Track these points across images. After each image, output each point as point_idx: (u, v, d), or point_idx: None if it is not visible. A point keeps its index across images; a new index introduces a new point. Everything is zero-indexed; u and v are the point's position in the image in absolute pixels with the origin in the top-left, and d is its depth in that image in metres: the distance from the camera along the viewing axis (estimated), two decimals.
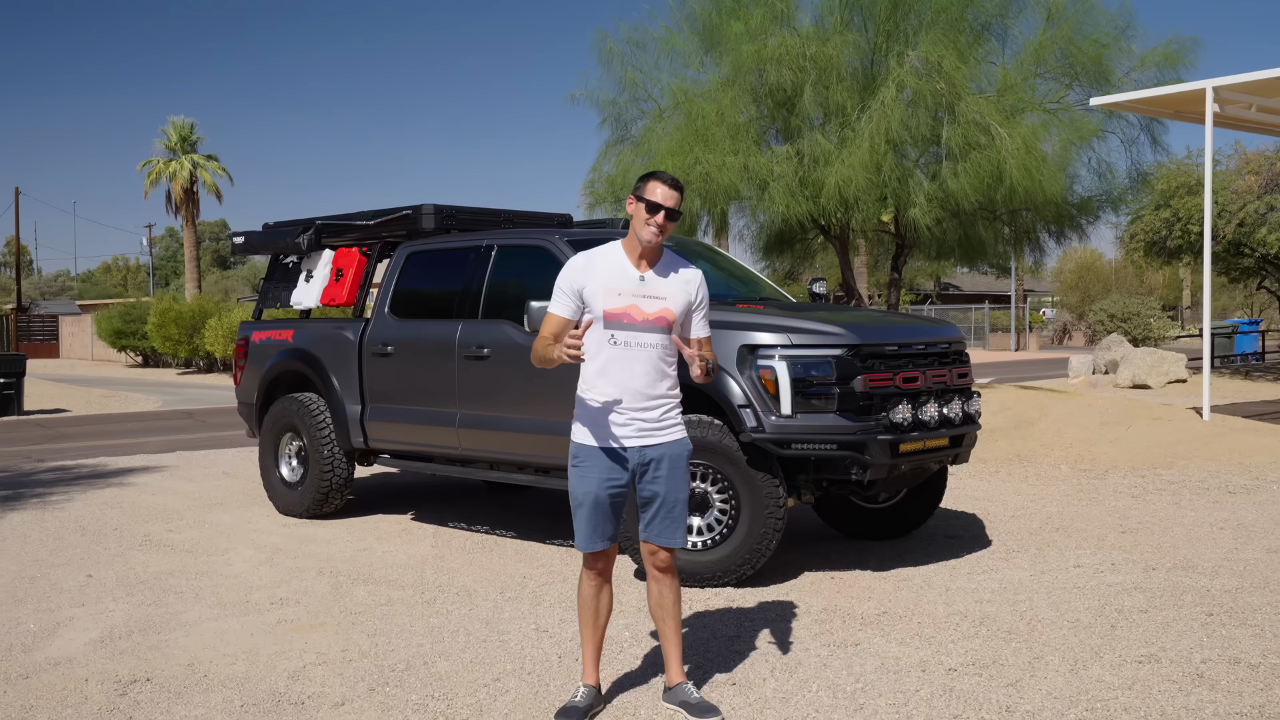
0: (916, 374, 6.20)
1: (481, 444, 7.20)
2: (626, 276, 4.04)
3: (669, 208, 4.02)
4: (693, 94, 13.91)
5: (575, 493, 4.09)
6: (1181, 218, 23.52)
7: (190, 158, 51.47)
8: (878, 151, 12.66)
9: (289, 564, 6.70)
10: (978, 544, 7.10)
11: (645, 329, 4.01)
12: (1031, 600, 5.69)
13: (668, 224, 4.04)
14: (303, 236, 8.57)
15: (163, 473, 11.02)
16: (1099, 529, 7.48)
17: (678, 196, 4.07)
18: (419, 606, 5.69)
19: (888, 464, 5.98)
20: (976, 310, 47.72)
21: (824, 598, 5.79)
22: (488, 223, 8.30)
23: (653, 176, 4.09)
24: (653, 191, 4.04)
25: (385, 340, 7.82)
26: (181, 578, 6.36)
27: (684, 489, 4.12)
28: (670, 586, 4.17)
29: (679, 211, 4.09)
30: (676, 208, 4.06)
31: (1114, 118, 13.93)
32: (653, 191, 4.04)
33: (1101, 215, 14.98)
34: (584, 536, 4.10)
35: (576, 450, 4.11)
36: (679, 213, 4.10)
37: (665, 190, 4.04)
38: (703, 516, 6.09)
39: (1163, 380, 20.25)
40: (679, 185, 4.11)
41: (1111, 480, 9.47)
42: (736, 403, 5.90)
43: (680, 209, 4.11)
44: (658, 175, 4.09)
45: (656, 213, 4.02)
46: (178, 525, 8.02)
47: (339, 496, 8.18)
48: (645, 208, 4.02)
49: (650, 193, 4.04)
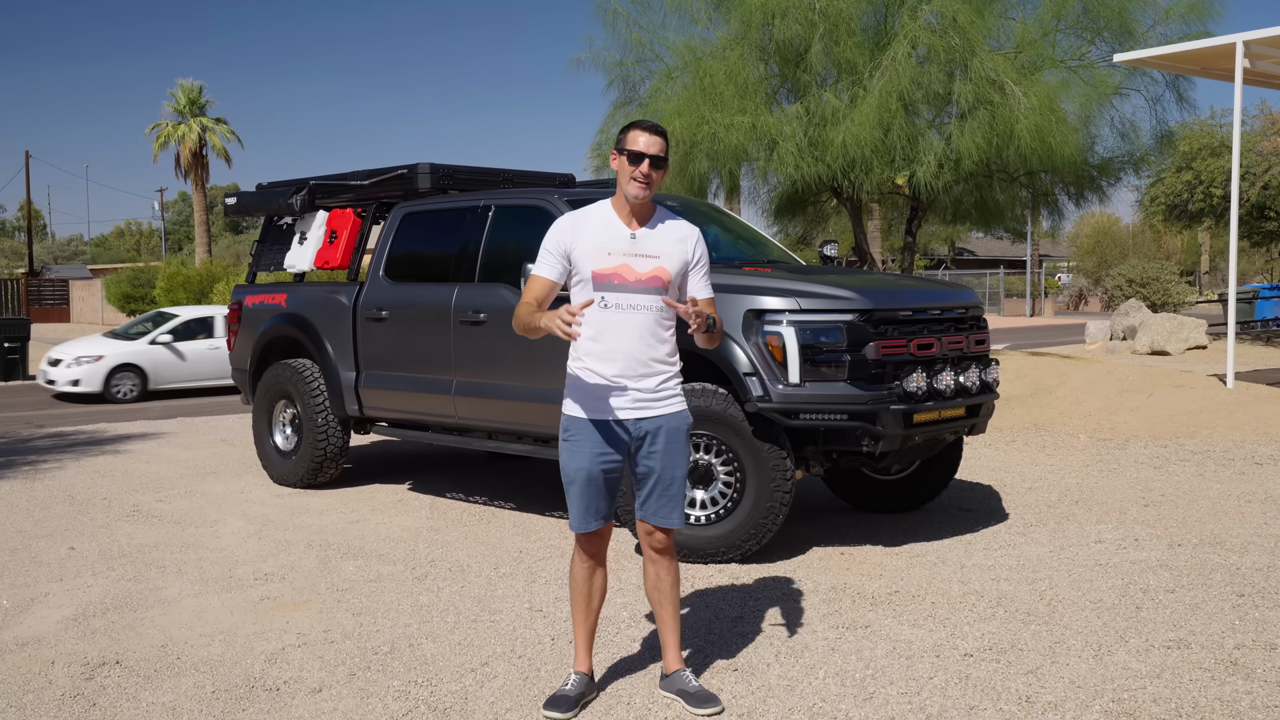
0: (931, 340, 5.90)
1: (478, 412, 6.94)
2: (617, 234, 3.75)
3: (653, 155, 3.71)
4: (700, 52, 13.50)
5: (567, 469, 3.82)
6: (1204, 180, 22.98)
7: (199, 121, 51.12)
8: (888, 110, 12.25)
9: (278, 536, 6.47)
10: (994, 518, 6.82)
11: (638, 290, 3.71)
12: (1051, 578, 5.41)
13: (654, 173, 3.73)
14: (296, 197, 8.28)
15: (160, 439, 10.81)
16: (1120, 502, 7.19)
17: (661, 142, 3.76)
18: (409, 583, 5.44)
19: (901, 435, 5.69)
20: (991, 275, 47.16)
21: (833, 575, 5.52)
22: (486, 182, 7.99)
23: (632, 125, 3.78)
24: (633, 140, 3.73)
25: (380, 304, 7.54)
26: (166, 551, 6.13)
27: (683, 465, 3.85)
28: (668, 569, 3.91)
29: (664, 159, 3.78)
30: (661, 154, 3.75)
31: (1137, 75, 13.47)
32: (633, 140, 3.73)
33: (1123, 177, 14.54)
34: (577, 515, 3.83)
35: (568, 423, 3.83)
36: (665, 160, 3.78)
37: (647, 137, 3.73)
38: (706, 490, 5.82)
39: (1182, 346, 19.87)
40: (661, 130, 3.80)
41: (1132, 450, 9.16)
42: (742, 370, 5.61)
43: (666, 156, 3.80)
44: (637, 123, 3.79)
45: (640, 162, 3.71)
46: (168, 495, 7.80)
47: (334, 466, 7.94)
48: (628, 159, 3.72)
49: (631, 142, 3.73)
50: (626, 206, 3.78)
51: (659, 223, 3.82)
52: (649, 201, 3.80)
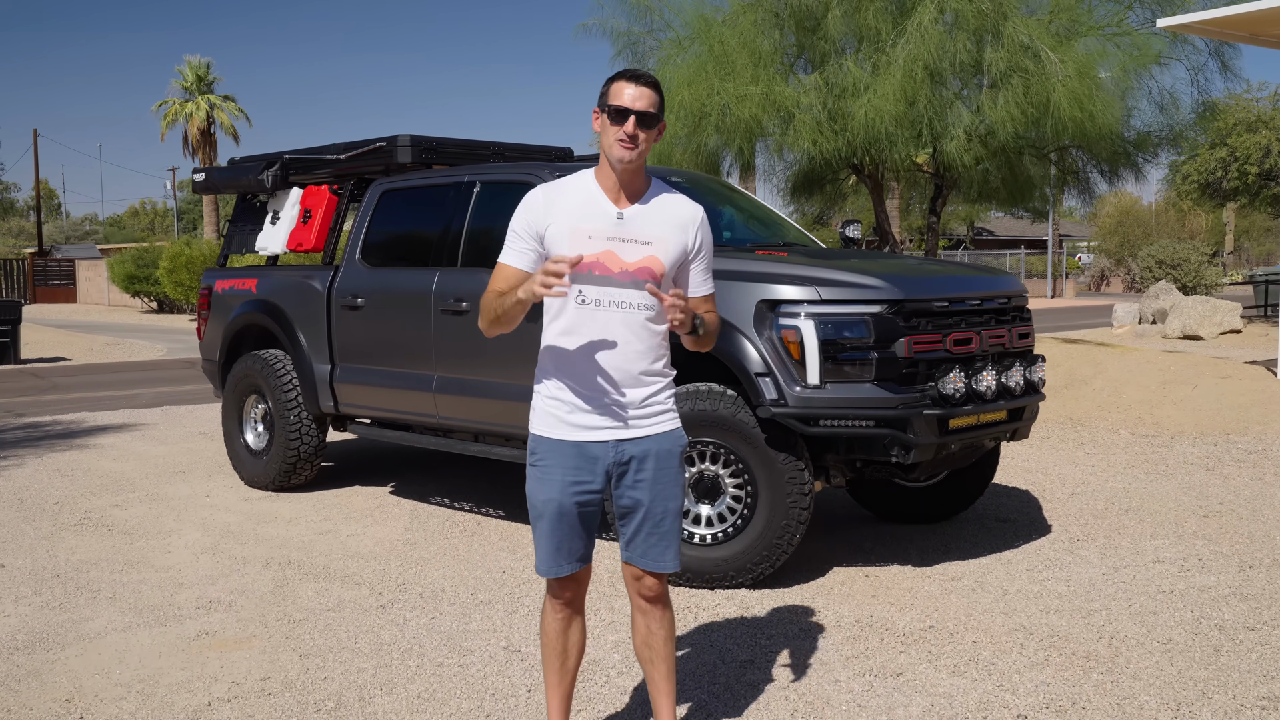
0: (970, 335, 5.17)
1: (461, 411, 6.24)
2: (600, 213, 3.03)
3: (640, 110, 2.98)
4: (711, 20, 12.70)
5: (534, 500, 3.12)
6: (1239, 157, 22.04)
7: (207, 98, 50.51)
8: (913, 80, 11.44)
9: (235, 552, 5.80)
10: (1035, 530, 6.11)
11: (625, 284, 3.00)
12: (1109, 610, 4.69)
13: (642, 133, 3.00)
14: (267, 173, 7.58)
15: (137, 432, 10.16)
16: (1175, 511, 6.46)
17: (651, 95, 3.02)
18: (372, 613, 4.76)
19: (935, 444, 4.97)
20: (1011, 255, 46.21)
21: (857, 605, 4.82)
22: (474, 156, 7.26)
23: (616, 76, 3.05)
24: (617, 93, 3.00)
25: (355, 291, 6.85)
26: (105, 570, 5.46)
27: (676, 495, 3.14)
28: (660, 621, 3.21)
29: (658, 116, 3.05)
30: (653, 110, 3.02)
31: (1178, 42, 12.62)
32: (617, 93, 3.00)
33: (1160, 153, 13.70)
34: (545, 557, 3.13)
35: (534, 445, 3.13)
36: (659, 118, 3.05)
37: (634, 89, 3.00)
38: (713, 505, 5.11)
39: (1216, 331, 19.03)
40: (651, 80, 3.06)
41: (1179, 449, 8.41)
42: (753, 370, 4.89)
43: (660, 113, 3.07)
44: (622, 73, 3.06)
45: (624, 119, 2.98)
46: (127, 499, 7.14)
47: (308, 466, 7.26)
48: (610, 116, 2.99)
49: (614, 95, 3.00)
50: (613, 177, 3.05)
51: (655, 199, 3.09)
52: (640, 171, 3.08)
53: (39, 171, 50.39)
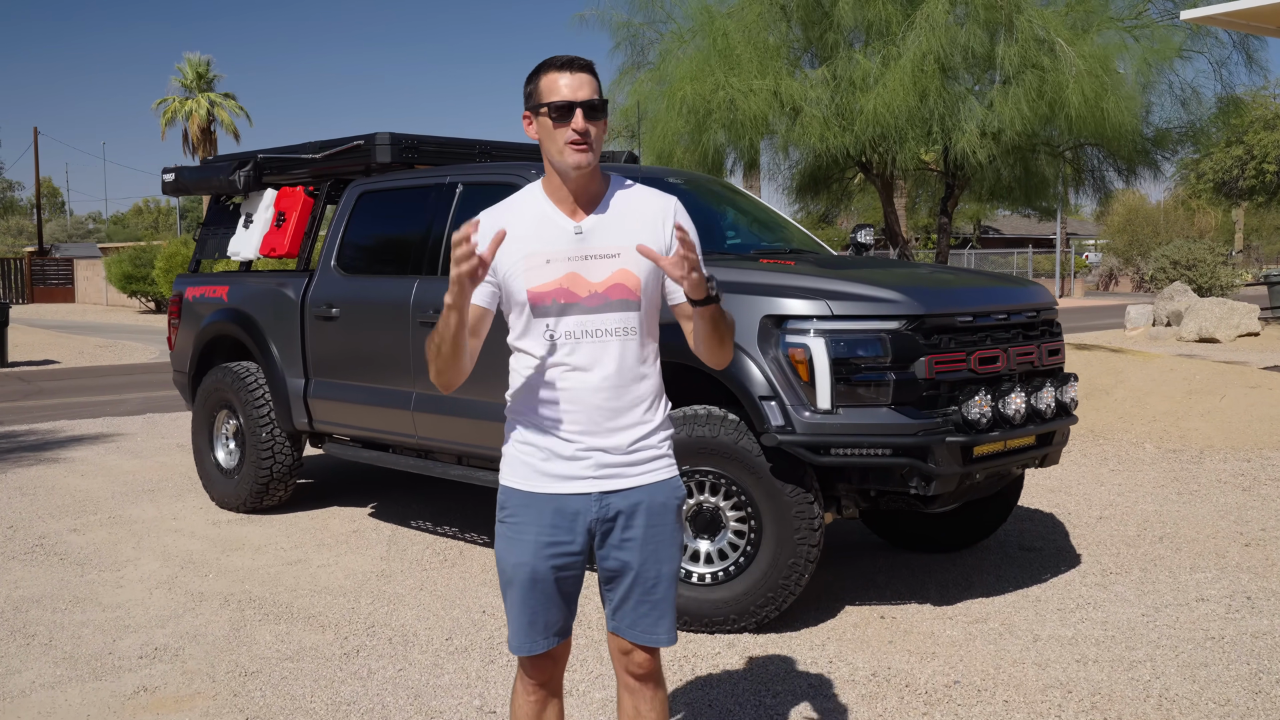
0: (996, 352, 4.69)
1: (441, 432, 5.77)
2: (556, 231, 2.53)
3: (584, 101, 2.49)
4: (715, 12, 12.20)
5: (503, 564, 2.64)
6: (1256, 155, 21.49)
7: (207, 96, 50.13)
8: (924, 74, 10.94)
9: (193, 586, 5.33)
10: (1063, 560, 5.62)
11: (598, 308, 2.52)
12: (1153, 661, 4.21)
13: (592, 127, 2.51)
14: (239, 173, 7.11)
15: (112, 443, 9.70)
16: (1215, 539, 5.97)
17: (589, 79, 2.52)
18: (334, 663, 4.29)
19: (958, 473, 4.49)
20: (1019, 254, 45.64)
21: (873, 652, 4.34)
22: (459, 155, 6.77)
23: (541, 68, 2.55)
24: (550, 87, 2.50)
25: (330, 300, 6.37)
26: (48, 609, 4.99)
27: (671, 558, 2.66)
28: (651, 703, 2.73)
29: (603, 103, 2.55)
30: (597, 97, 2.53)
31: (1200, 35, 12.11)
32: (550, 87, 2.50)
33: (1180, 150, 13.19)
34: (516, 632, 2.65)
35: (504, 498, 2.65)
36: (603, 104, 2.55)
37: (568, 77, 2.50)
38: (712, 541, 4.64)
39: (1233, 333, 18.57)
40: (584, 62, 2.55)
41: (1210, 465, 7.92)
42: (757, 393, 4.41)
43: (604, 99, 2.57)
44: (547, 62, 2.55)
45: (569, 115, 2.49)
46: (87, 522, 6.67)
47: (281, 487, 6.79)
48: (551, 115, 2.49)
49: (548, 90, 2.50)
50: (564, 188, 2.55)
51: (613, 202, 2.59)
52: (596, 172, 2.59)
53: (39, 170, 49.98)
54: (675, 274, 2.38)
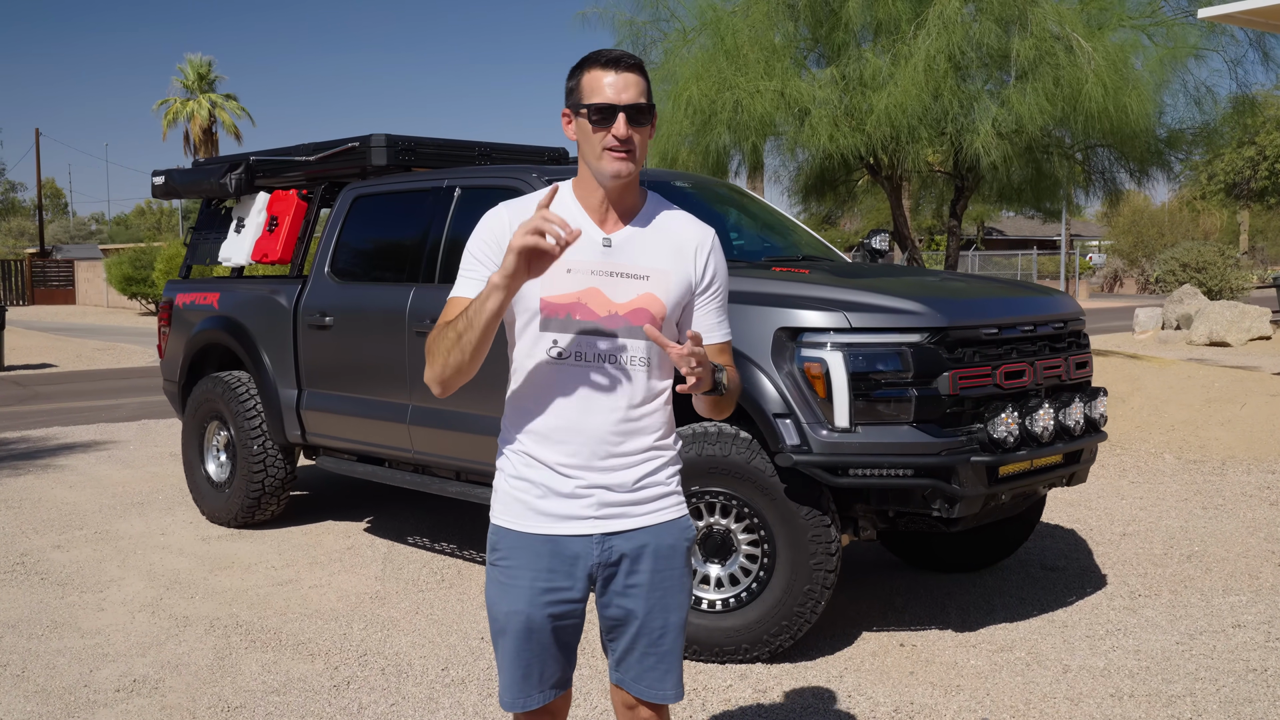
0: (1023, 366, 4.45)
1: (438, 446, 5.53)
2: (582, 239, 2.28)
3: (628, 105, 2.25)
4: (720, 11, 11.95)
5: (495, 611, 2.40)
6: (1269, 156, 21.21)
7: (209, 97, 49.97)
8: (936, 72, 10.67)
9: (178, 609, 5.09)
10: (1088, 581, 5.38)
11: (615, 331, 2.29)
12: (1193, 696, 3.97)
13: (636, 134, 2.27)
14: (230, 176, 6.87)
15: (104, 451, 9.47)
16: (1247, 558, 5.72)
17: (638, 81, 2.28)
18: (322, 696, 4.05)
19: (983, 495, 4.25)
20: (1023, 256, 45.32)
21: (894, 685, 4.10)
22: (457, 158, 6.53)
23: (587, 62, 2.30)
24: (594, 86, 2.26)
25: (323, 308, 6.13)
26: (24, 634, 4.75)
27: (679, 606, 2.42)
28: None
29: (650, 107, 2.32)
30: (645, 100, 2.29)
31: (1215, 33, 11.83)
32: (594, 86, 2.26)
33: (1193, 152, 12.91)
34: (510, 685, 2.41)
35: (496, 538, 2.41)
36: (650, 108, 2.32)
37: (615, 76, 2.26)
38: (723, 565, 4.39)
39: (1244, 337, 18.30)
40: (637, 63, 2.31)
41: (1234, 477, 7.67)
42: (771, 410, 4.16)
43: (650, 102, 2.34)
44: (594, 57, 2.30)
45: (612, 119, 2.25)
46: (72, 538, 6.43)
47: (274, 501, 6.56)
48: (591, 117, 2.26)
49: (591, 90, 2.26)
50: (599, 193, 2.33)
51: (651, 220, 2.37)
52: (635, 184, 2.36)
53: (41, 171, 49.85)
54: (681, 367, 2.15)
